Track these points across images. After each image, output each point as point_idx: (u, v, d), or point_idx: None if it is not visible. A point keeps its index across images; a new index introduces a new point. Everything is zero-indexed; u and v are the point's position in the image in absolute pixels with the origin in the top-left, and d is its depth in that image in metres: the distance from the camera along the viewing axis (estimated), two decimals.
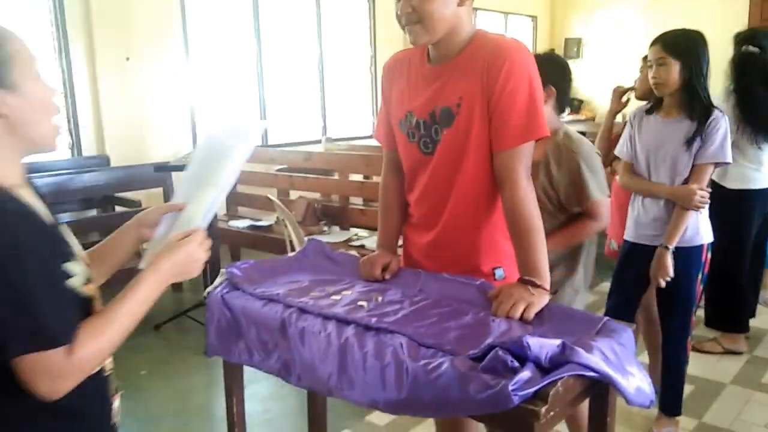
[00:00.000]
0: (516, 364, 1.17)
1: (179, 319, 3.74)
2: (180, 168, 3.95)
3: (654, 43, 2.21)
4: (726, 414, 2.59)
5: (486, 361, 1.20)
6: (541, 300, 1.44)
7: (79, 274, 1.03)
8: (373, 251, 1.85)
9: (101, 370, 1.12)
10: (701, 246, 2.27)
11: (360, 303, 1.61)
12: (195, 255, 1.14)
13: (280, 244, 3.63)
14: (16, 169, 1.02)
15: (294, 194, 4.65)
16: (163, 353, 3.41)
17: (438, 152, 1.61)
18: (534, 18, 8.82)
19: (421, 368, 1.24)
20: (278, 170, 4.89)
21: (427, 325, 1.45)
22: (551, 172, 1.94)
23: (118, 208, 4.42)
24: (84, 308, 1.05)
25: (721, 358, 3.07)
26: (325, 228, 4.19)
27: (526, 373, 1.14)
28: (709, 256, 2.32)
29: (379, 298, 1.64)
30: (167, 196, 4.30)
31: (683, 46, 2.13)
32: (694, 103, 2.13)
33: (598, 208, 1.93)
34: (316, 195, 4.70)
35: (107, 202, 4.42)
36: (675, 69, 2.12)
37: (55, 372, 0.92)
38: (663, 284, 2.20)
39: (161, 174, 3.93)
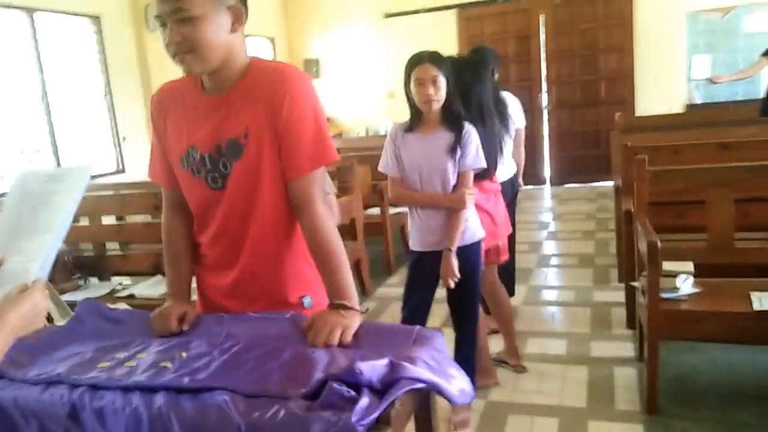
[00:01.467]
0: (352, 393, 1.16)
1: None
2: None
3: (421, 61, 2.34)
4: (506, 389, 2.92)
5: (322, 398, 1.16)
6: (355, 321, 1.45)
7: None
8: (147, 299, 1.70)
9: None
10: (480, 241, 2.53)
11: (162, 364, 1.44)
12: (40, 305, 1.11)
13: None
14: None
15: None
16: None
17: (230, 186, 1.52)
18: (272, 39, 8.96)
19: (256, 422, 1.16)
20: None
21: (245, 372, 1.36)
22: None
23: None
24: None
25: (491, 339, 3.45)
26: (81, 282, 3.70)
27: (364, 401, 1.14)
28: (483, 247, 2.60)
29: (183, 354, 1.49)
30: None
31: (446, 65, 2.35)
32: (452, 117, 2.36)
33: None
34: (62, 246, 4.13)
35: None
36: (443, 86, 2.32)
37: None
38: (452, 284, 2.39)
39: None
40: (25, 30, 5.26)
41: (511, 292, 3.80)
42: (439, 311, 3.12)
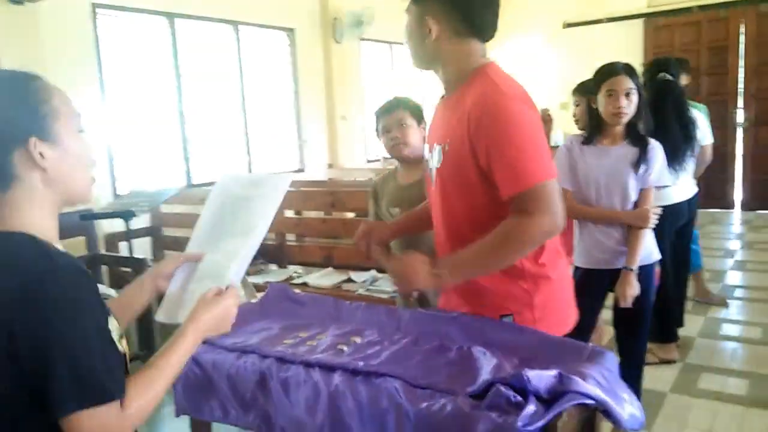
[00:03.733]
0: (519, 398, 1.18)
1: None
2: (106, 216, 3.74)
3: (616, 72, 2.27)
4: (673, 423, 2.72)
5: (489, 398, 1.20)
6: (427, 282, 1.47)
7: (114, 329, 1.01)
8: (318, 287, 1.84)
9: None
10: (653, 264, 2.40)
11: (339, 347, 1.57)
12: (231, 310, 1.13)
13: None
14: (54, 222, 1.02)
15: None
16: None
17: (433, 189, 1.62)
18: None
19: (424, 411, 1.22)
20: None
21: (414, 364, 1.43)
22: None
23: None
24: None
25: (657, 368, 3.22)
26: (263, 267, 4.08)
27: (530, 408, 1.15)
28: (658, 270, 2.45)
29: (358, 340, 1.61)
30: (90, 245, 4.05)
31: (638, 77, 2.28)
32: (637, 131, 2.27)
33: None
34: None
35: None
36: (635, 99, 2.25)
37: (109, 428, 0.91)
38: (629, 304, 2.28)
39: (85, 222, 3.70)
40: (231, 41, 5.92)
41: (679, 323, 3.53)
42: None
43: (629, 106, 2.23)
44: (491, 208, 1.45)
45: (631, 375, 2.44)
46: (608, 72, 2.27)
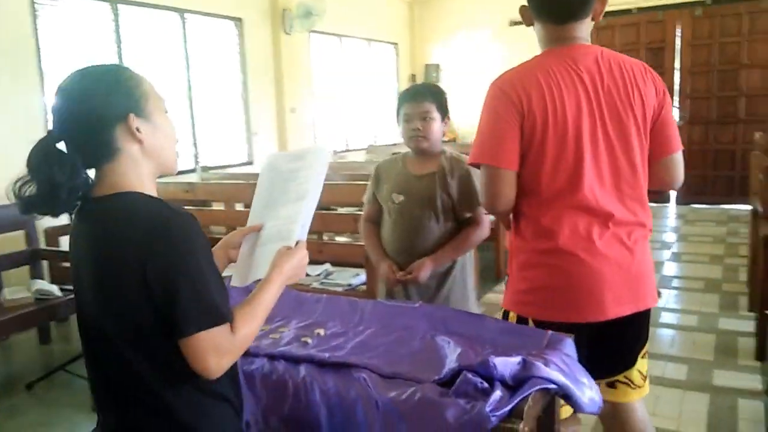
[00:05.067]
0: (486, 385, 1.21)
1: (54, 375, 3.36)
2: None
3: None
4: None
5: (457, 385, 1.22)
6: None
7: None
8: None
9: None
10: None
11: (303, 339, 1.57)
12: (304, 260, 1.27)
13: None
14: (154, 189, 1.17)
15: None
16: (41, 416, 3.03)
17: None
18: (395, 45, 9.15)
19: (392, 400, 1.24)
20: None
21: (379, 354, 1.45)
22: (446, 180, 2.11)
23: None
24: None
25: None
26: None
27: (497, 393, 1.18)
28: None
29: (321, 332, 1.61)
30: (30, 239, 3.87)
31: None
32: None
33: (483, 216, 2.12)
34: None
35: None
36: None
37: (222, 348, 1.05)
38: None
39: (24, 216, 3.53)
40: (176, 30, 5.75)
41: None
42: None
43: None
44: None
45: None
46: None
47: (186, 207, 4.23)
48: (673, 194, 7.76)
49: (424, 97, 2.11)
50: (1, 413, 2.99)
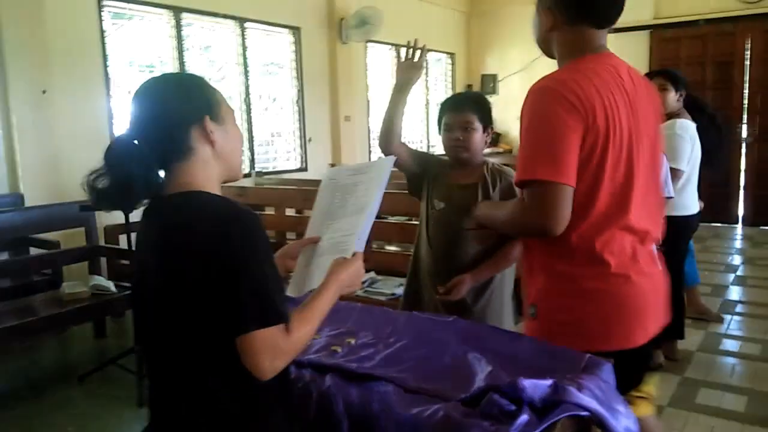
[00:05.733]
0: (512, 407, 1.16)
1: (106, 369, 3.47)
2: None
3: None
4: None
5: (482, 406, 1.18)
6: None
7: None
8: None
9: None
10: None
11: (333, 348, 1.55)
12: (361, 270, 1.29)
13: None
14: (219, 190, 1.20)
15: None
16: (91, 408, 3.14)
17: None
18: (452, 55, 9.12)
19: (414, 417, 1.20)
20: None
21: (407, 368, 1.41)
22: (488, 192, 2.05)
23: (34, 250, 4.09)
24: None
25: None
26: None
27: (524, 417, 1.13)
28: None
29: (352, 341, 1.59)
30: (90, 236, 4.03)
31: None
32: None
33: None
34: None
35: (20, 243, 4.08)
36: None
37: (277, 348, 1.06)
38: None
39: (84, 213, 3.69)
40: (236, 38, 5.90)
41: (680, 335, 3.51)
42: None
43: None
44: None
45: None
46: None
47: None
48: (740, 215, 7.39)
49: (465, 106, 2.07)
50: (54, 404, 3.11)
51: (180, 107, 1.15)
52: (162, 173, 1.17)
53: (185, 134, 1.15)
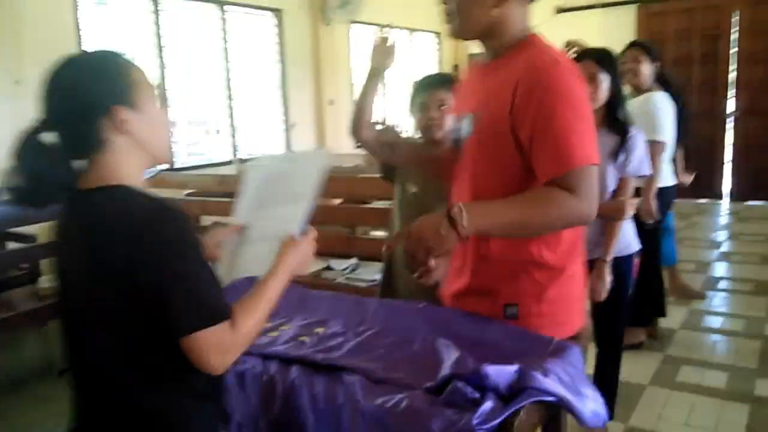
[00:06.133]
0: (476, 394, 1.14)
1: None
2: None
3: (582, 57, 2.23)
4: (649, 415, 2.70)
5: (445, 395, 1.16)
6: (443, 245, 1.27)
7: None
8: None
9: None
10: (632, 255, 2.37)
11: (301, 338, 1.53)
12: (310, 253, 1.26)
13: None
14: (142, 179, 1.14)
15: (207, 220, 4.44)
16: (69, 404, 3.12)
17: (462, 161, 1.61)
18: (438, 34, 9.02)
19: (378, 408, 1.18)
20: (187, 195, 4.64)
21: (375, 358, 1.39)
22: None
23: (11, 245, 4.03)
24: None
25: (637, 361, 3.20)
26: None
27: (488, 404, 1.12)
28: (637, 261, 2.42)
29: (320, 331, 1.57)
30: None
31: (610, 62, 2.22)
32: (616, 118, 2.21)
33: None
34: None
35: None
36: (604, 84, 2.19)
37: (224, 345, 1.03)
38: (601, 297, 2.23)
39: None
40: (216, 21, 5.81)
41: (661, 313, 3.51)
42: None
43: (596, 91, 2.17)
44: (525, 182, 1.35)
45: (608, 366, 2.42)
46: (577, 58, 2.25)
47: (219, 199, 4.31)
48: (726, 190, 7.40)
49: (440, 85, 2.03)
50: (32, 400, 3.08)
51: (85, 98, 1.07)
52: (82, 163, 1.11)
53: (93, 126, 1.08)
